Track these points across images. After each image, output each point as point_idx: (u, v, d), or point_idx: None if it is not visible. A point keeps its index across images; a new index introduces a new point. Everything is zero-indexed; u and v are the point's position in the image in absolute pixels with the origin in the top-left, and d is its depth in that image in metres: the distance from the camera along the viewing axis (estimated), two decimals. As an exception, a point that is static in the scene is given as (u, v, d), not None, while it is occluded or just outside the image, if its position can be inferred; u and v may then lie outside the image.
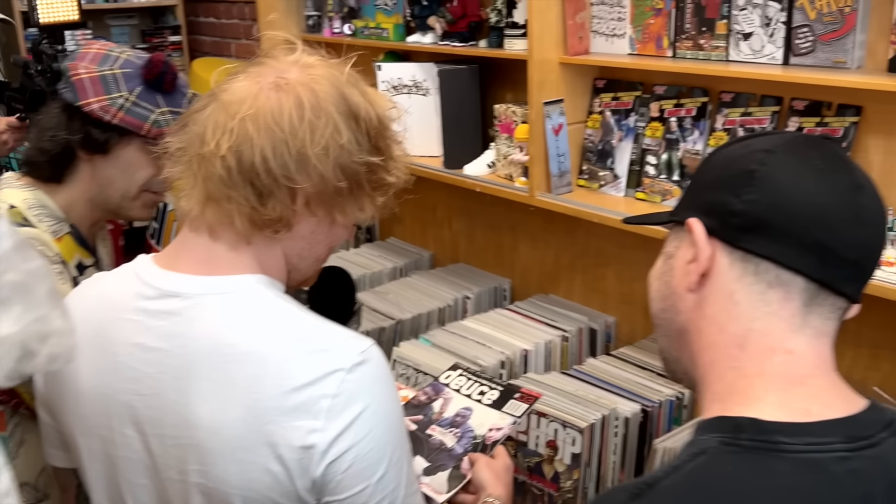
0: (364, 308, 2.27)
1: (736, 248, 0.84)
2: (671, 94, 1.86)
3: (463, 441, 1.41)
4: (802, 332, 0.83)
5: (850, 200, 0.82)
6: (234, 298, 1.04)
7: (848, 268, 0.82)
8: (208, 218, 1.04)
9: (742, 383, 0.83)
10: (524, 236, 2.37)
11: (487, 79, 2.28)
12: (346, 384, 0.98)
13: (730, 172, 0.86)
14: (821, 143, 0.88)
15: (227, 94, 1.04)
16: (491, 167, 2.19)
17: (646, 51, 1.87)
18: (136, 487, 1.08)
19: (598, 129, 2.01)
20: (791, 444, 0.77)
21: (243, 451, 0.99)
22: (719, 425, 0.81)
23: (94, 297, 1.13)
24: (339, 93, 1.04)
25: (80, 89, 1.44)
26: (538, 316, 2.15)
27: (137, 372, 1.05)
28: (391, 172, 1.11)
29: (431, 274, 2.49)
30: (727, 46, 1.71)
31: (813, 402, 0.81)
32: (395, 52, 2.50)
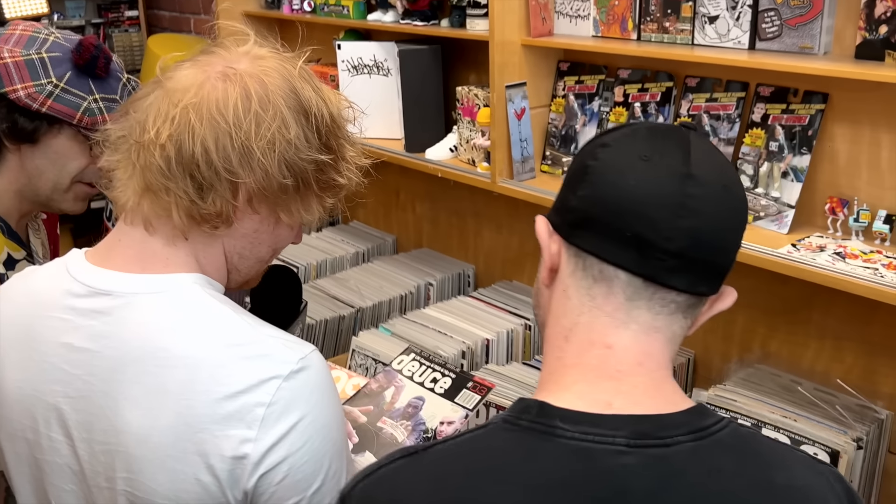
0: (323, 295, 2.22)
1: (570, 244, 0.85)
2: (636, 79, 1.81)
3: (413, 435, 1.37)
4: (627, 327, 0.82)
5: (673, 190, 0.79)
6: (168, 299, 0.98)
7: (670, 259, 0.80)
8: (145, 210, 0.99)
9: (559, 372, 0.85)
10: (488, 222, 2.32)
11: (450, 59, 2.22)
12: (282, 392, 0.94)
13: (573, 168, 0.88)
14: (664, 133, 0.85)
15: (171, 81, 0.99)
16: (453, 151, 2.14)
17: (610, 33, 1.82)
18: (64, 493, 1.03)
19: (561, 114, 1.96)
20: (567, 430, 0.78)
21: (173, 461, 0.94)
22: (514, 406, 0.83)
23: (22, 294, 1.07)
24: (290, 87, 1.00)
25: (5, 75, 1.34)
26: (501, 304, 2.11)
27: (65, 373, 1.00)
28: (342, 173, 1.06)
29: (394, 259, 2.44)
30: (693, 30, 1.66)
31: (618, 396, 0.81)
32: (355, 30, 2.42)
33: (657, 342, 0.83)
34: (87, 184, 1.47)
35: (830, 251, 1.48)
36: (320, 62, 2.57)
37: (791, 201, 1.56)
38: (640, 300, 0.81)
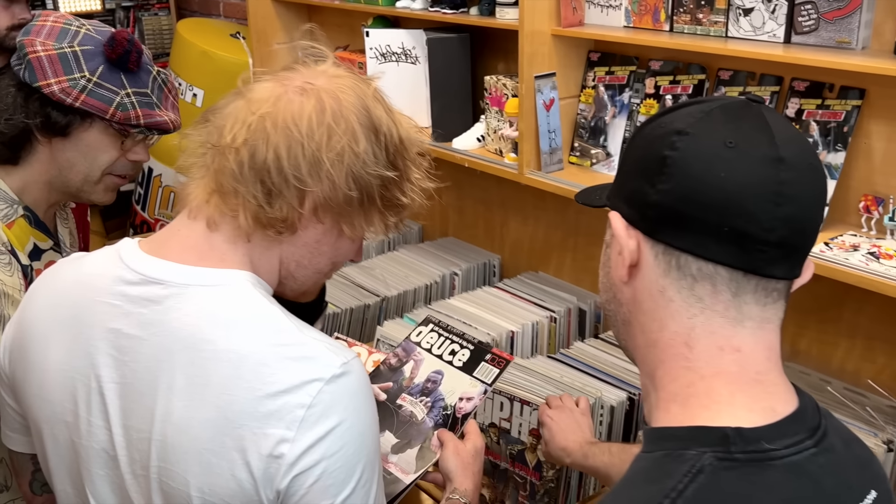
0: (349, 284, 2.22)
1: (657, 241, 0.81)
2: (667, 70, 1.78)
3: (433, 412, 1.37)
4: (743, 325, 0.79)
5: (768, 177, 0.76)
6: (219, 292, 1.00)
7: (771, 250, 0.77)
8: (211, 208, 1.02)
9: (702, 385, 0.81)
10: (514, 212, 2.31)
11: (479, 48, 2.20)
12: (322, 395, 0.95)
13: (646, 158, 0.82)
14: (740, 113, 0.80)
15: (252, 92, 1.03)
16: (480, 141, 2.12)
17: (642, 24, 1.79)
18: (98, 478, 1.05)
19: (591, 105, 1.93)
20: (775, 450, 0.76)
21: (209, 454, 0.95)
22: (704, 437, 0.77)
23: (72, 278, 1.09)
24: (363, 104, 1.03)
25: (38, 69, 1.35)
26: (526, 295, 2.10)
27: (112, 359, 1.01)
28: (406, 193, 1.08)
29: (420, 248, 2.43)
30: (727, 22, 1.63)
31: (773, 399, 0.79)
32: (384, 17, 2.41)
33: (772, 332, 0.81)
34: (116, 175, 1.48)
35: (864, 251, 1.45)
36: (348, 49, 2.56)
37: (824, 199, 1.53)
38: (745, 294, 0.78)
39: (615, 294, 0.87)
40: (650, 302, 0.83)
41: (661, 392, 0.84)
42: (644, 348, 0.86)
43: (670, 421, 0.81)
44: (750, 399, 0.79)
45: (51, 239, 1.49)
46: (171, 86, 1.50)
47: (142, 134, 1.44)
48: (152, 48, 3.79)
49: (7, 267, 1.35)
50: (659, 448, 0.79)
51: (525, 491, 1.66)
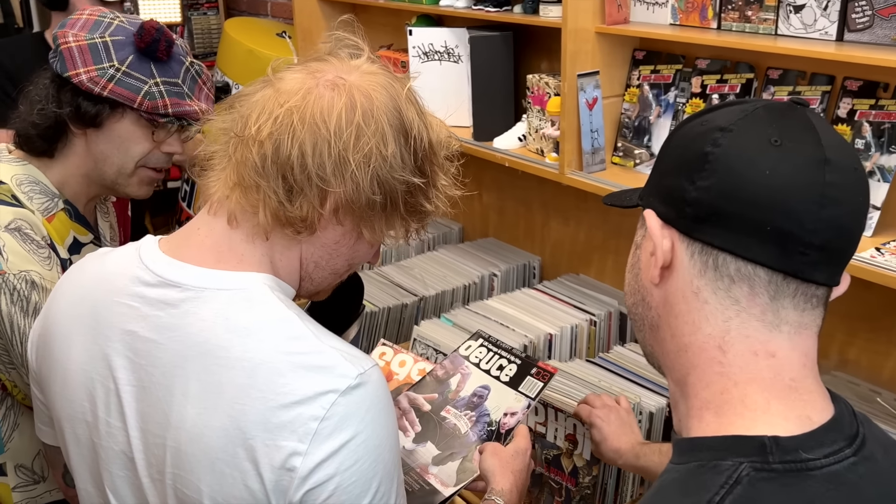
0: (387, 283, 2.21)
1: (694, 240, 0.78)
2: (715, 69, 1.74)
3: (478, 427, 1.35)
4: (780, 330, 0.77)
5: (813, 178, 0.73)
6: (236, 297, 0.98)
7: (813, 253, 0.74)
8: (232, 203, 0.99)
9: (736, 392, 0.78)
10: (556, 213, 2.27)
11: (522, 46, 2.17)
12: (337, 407, 0.91)
13: (686, 155, 0.79)
14: (785, 113, 0.78)
15: (281, 82, 0.99)
16: (522, 140, 2.09)
17: (689, 21, 1.75)
18: (118, 479, 1.04)
19: (635, 104, 1.90)
20: (813, 459, 0.73)
21: (222, 463, 0.93)
22: (741, 447, 0.75)
23: (94, 276, 1.08)
24: (395, 105, 0.99)
25: (69, 59, 1.36)
26: (566, 297, 2.07)
27: (129, 361, 1.00)
28: (431, 200, 1.05)
29: (459, 248, 2.41)
30: (776, 19, 1.58)
31: (809, 407, 0.77)
32: (427, 15, 2.40)
33: (809, 339, 0.78)
34: (152, 168, 1.48)
35: (918, 257, 1.39)
36: (392, 48, 2.55)
37: (877, 202, 1.48)
38: (784, 298, 0.76)
39: (643, 297, 0.84)
40: (683, 304, 0.80)
41: (692, 400, 0.81)
42: (674, 353, 0.82)
43: (704, 430, 0.78)
44: (785, 407, 0.76)
45: (91, 233, 1.51)
46: (207, 77, 1.50)
47: (171, 124, 1.44)
48: (200, 47, 3.83)
49: (46, 261, 1.37)
50: (693, 459, 0.77)
51: (560, 497, 1.63)
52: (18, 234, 1.35)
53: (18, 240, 1.34)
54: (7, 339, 1.34)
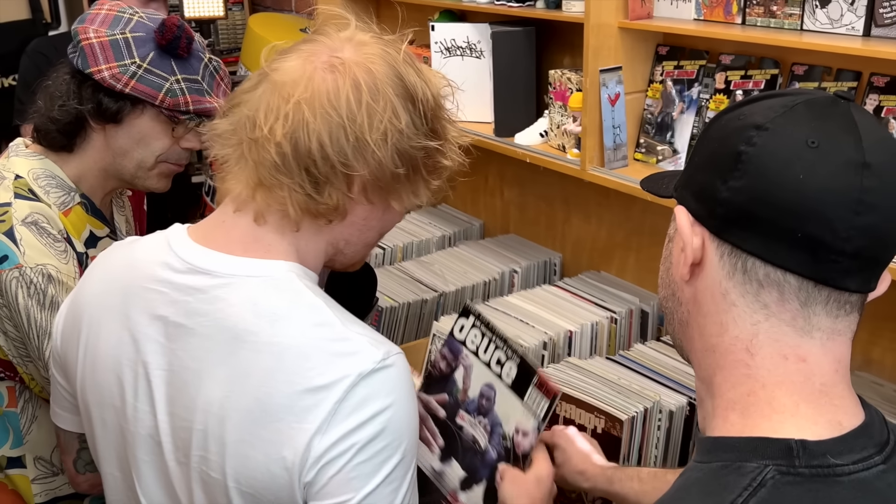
0: (407, 278, 2.21)
1: (723, 241, 0.76)
2: (739, 65, 1.72)
3: (494, 440, 1.31)
4: (811, 336, 0.75)
5: (849, 183, 0.70)
6: (265, 284, 0.99)
7: (846, 260, 0.71)
8: (258, 203, 1.00)
9: (763, 394, 0.76)
10: (577, 209, 2.26)
11: (545, 42, 2.16)
12: (358, 388, 0.93)
13: (720, 151, 0.77)
14: (826, 111, 0.75)
15: (278, 73, 0.99)
16: (543, 136, 2.08)
17: (713, 16, 1.73)
18: (143, 464, 1.06)
19: (658, 100, 1.88)
20: (841, 465, 0.72)
21: (247, 446, 0.95)
22: (767, 449, 0.73)
23: (123, 262, 1.10)
24: (396, 73, 1.00)
25: (90, 55, 1.36)
26: (587, 294, 2.06)
27: (158, 345, 1.02)
28: (447, 156, 1.07)
29: (480, 244, 2.41)
30: (802, 14, 1.56)
31: (838, 412, 0.75)
32: (450, 11, 2.39)
33: (842, 345, 0.76)
34: (171, 163, 1.49)
35: (945, 256, 1.36)
36: (414, 43, 2.55)
37: (903, 200, 1.45)
38: (815, 305, 0.74)
39: (674, 292, 0.83)
40: (711, 304, 0.78)
41: (718, 399, 0.79)
42: (701, 352, 0.81)
43: (728, 430, 0.77)
44: (814, 411, 0.74)
45: (107, 226, 1.52)
46: (224, 73, 1.50)
47: (192, 121, 1.45)
48: (226, 43, 3.86)
49: (63, 255, 1.38)
50: (716, 458, 0.75)
51: (570, 500, 1.62)
52: (35, 227, 1.36)
53: (35, 234, 1.35)
54: (24, 332, 1.35)
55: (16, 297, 1.32)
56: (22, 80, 2.53)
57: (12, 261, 1.33)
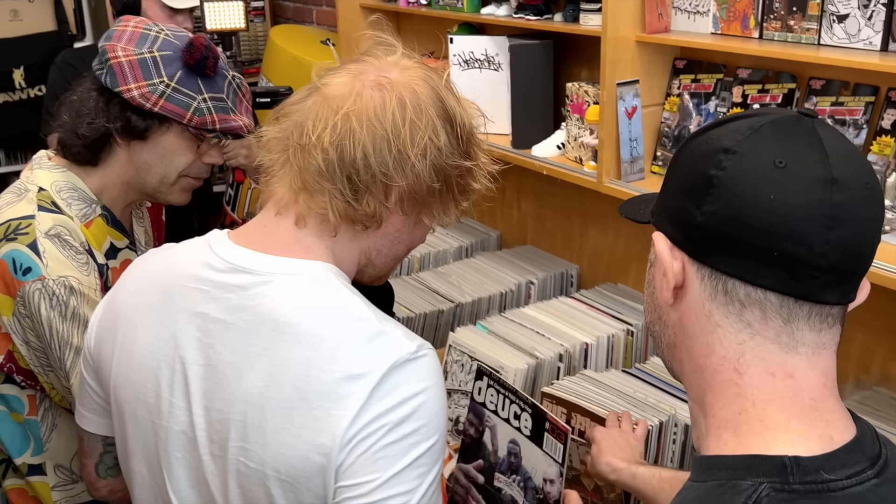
0: (424, 289, 2.23)
1: (703, 265, 0.77)
2: (756, 79, 1.72)
3: (528, 494, 1.33)
4: (797, 352, 0.76)
5: (820, 200, 0.71)
6: (304, 281, 1.04)
7: (824, 275, 0.72)
8: (300, 207, 1.06)
9: (754, 412, 0.77)
10: (594, 221, 2.26)
11: (563, 55, 2.17)
12: (391, 376, 0.97)
13: (692, 176, 0.78)
14: (791, 129, 0.76)
15: (328, 87, 1.06)
16: (560, 149, 2.09)
17: (730, 30, 1.73)
18: (174, 460, 1.08)
19: (675, 113, 1.88)
20: (835, 480, 0.72)
21: (286, 434, 0.98)
22: (760, 466, 0.74)
23: (162, 264, 1.14)
24: (438, 96, 1.06)
25: (119, 74, 1.38)
26: (603, 307, 2.06)
27: (197, 341, 1.05)
28: (477, 179, 1.13)
29: (497, 256, 2.41)
30: (819, 29, 1.56)
31: (830, 427, 0.76)
32: (469, 24, 2.41)
33: (828, 359, 0.77)
34: (192, 177, 1.51)
35: (963, 272, 1.36)
36: (433, 55, 2.57)
37: (921, 215, 1.45)
38: (798, 320, 0.75)
39: (660, 315, 0.84)
40: (696, 326, 0.79)
41: (710, 419, 0.80)
42: (691, 373, 0.82)
43: (722, 449, 0.78)
44: (805, 426, 0.75)
45: (126, 238, 1.54)
46: (245, 90, 1.52)
47: (216, 138, 1.47)
48: (247, 54, 3.90)
49: (84, 266, 1.40)
50: (712, 477, 0.76)
51: None
52: (58, 240, 1.38)
53: (58, 246, 1.37)
54: (46, 343, 1.37)
55: (38, 308, 1.35)
56: (50, 92, 2.57)
57: (35, 272, 1.35)
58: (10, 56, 3.18)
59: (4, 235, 1.37)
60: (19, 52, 3.19)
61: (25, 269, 1.35)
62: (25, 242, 1.36)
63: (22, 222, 1.38)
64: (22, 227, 1.38)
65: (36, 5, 3.27)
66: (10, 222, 1.39)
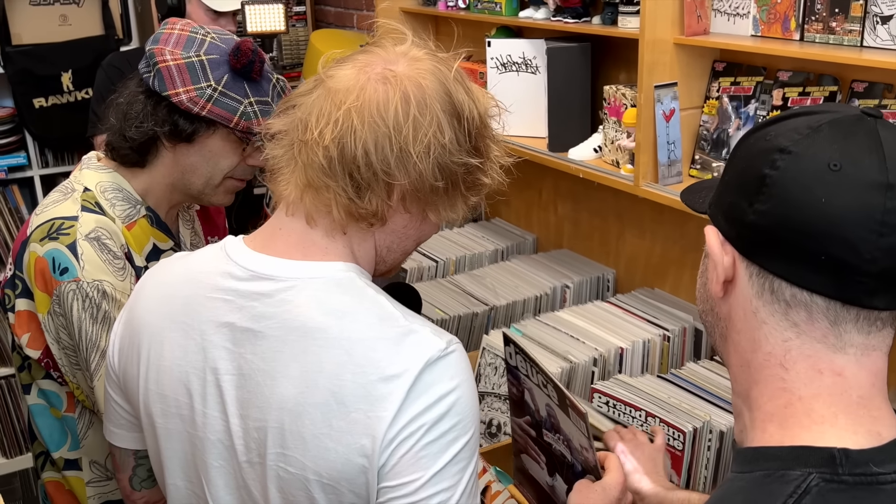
0: (459, 291, 2.23)
1: (752, 262, 0.77)
2: (797, 81, 1.69)
3: (573, 454, 1.33)
4: (845, 352, 0.75)
5: (872, 205, 0.70)
6: (329, 284, 1.03)
7: (871, 281, 0.71)
8: (307, 204, 1.05)
9: (800, 406, 0.77)
10: (631, 225, 2.25)
11: (601, 57, 2.16)
12: (425, 374, 0.98)
13: (747, 173, 0.78)
14: (852, 130, 0.74)
15: (333, 80, 1.03)
16: (597, 152, 2.08)
17: (771, 32, 1.71)
18: (212, 469, 1.08)
19: (714, 116, 1.86)
20: (884, 473, 0.72)
21: (326, 438, 0.98)
22: (809, 457, 0.74)
23: (180, 275, 1.13)
24: (445, 90, 1.03)
25: (167, 78, 1.39)
26: (640, 311, 2.04)
27: (228, 352, 1.05)
28: (487, 174, 1.10)
29: (533, 259, 2.41)
30: (862, 30, 1.53)
31: (878, 423, 0.76)
32: (508, 27, 2.41)
33: (878, 360, 0.77)
34: (236, 179, 1.53)
35: None
36: (471, 59, 2.57)
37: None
38: (845, 323, 0.75)
39: (712, 307, 0.84)
40: (743, 321, 0.79)
41: (756, 412, 0.80)
42: (737, 367, 0.82)
43: (767, 441, 0.78)
44: (853, 421, 0.75)
45: (171, 239, 1.56)
46: (289, 92, 1.54)
47: (261, 141, 1.48)
48: (289, 58, 3.94)
49: (120, 272, 1.42)
50: (759, 468, 0.76)
51: None
52: (97, 243, 1.41)
53: (96, 249, 1.40)
54: (76, 342, 1.40)
55: (71, 308, 1.38)
56: (97, 94, 2.63)
57: (72, 274, 1.38)
58: (59, 60, 3.25)
59: (48, 234, 1.40)
60: (68, 55, 3.26)
61: (63, 270, 1.38)
62: (66, 243, 1.39)
63: (65, 222, 1.41)
64: (65, 227, 1.41)
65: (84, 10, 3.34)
66: (53, 221, 1.42)
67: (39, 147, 3.38)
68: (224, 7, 2.66)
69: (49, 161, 3.43)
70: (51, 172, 3.42)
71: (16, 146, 3.32)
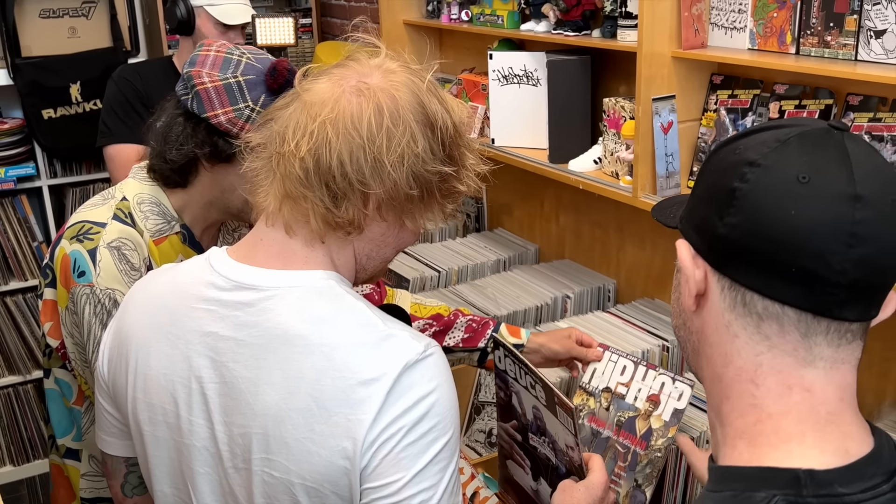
0: (460, 301, 2.24)
1: (723, 275, 0.78)
2: (793, 95, 1.71)
3: (558, 455, 1.35)
4: (814, 366, 0.76)
5: (841, 216, 0.71)
6: (308, 293, 1.06)
7: (842, 292, 0.72)
8: (285, 215, 1.07)
9: (769, 423, 0.78)
10: (632, 236, 2.26)
11: (601, 70, 2.18)
12: (404, 377, 1.00)
13: (717, 186, 0.79)
14: (820, 142, 0.75)
15: (309, 94, 1.05)
16: (597, 163, 2.10)
17: (767, 46, 1.73)
18: (198, 475, 1.11)
19: (712, 129, 1.88)
20: (849, 494, 0.73)
21: (308, 442, 1.01)
22: (775, 478, 0.75)
23: (167, 286, 1.16)
24: (419, 101, 1.05)
25: (206, 100, 1.40)
26: (639, 322, 2.06)
27: (210, 360, 1.07)
28: (462, 181, 1.12)
29: (534, 269, 2.43)
30: (856, 44, 1.55)
31: (847, 440, 0.76)
32: (510, 40, 2.44)
33: (847, 373, 0.77)
34: None
35: None
36: (474, 71, 2.60)
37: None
38: (816, 336, 0.75)
39: (685, 321, 0.85)
40: (716, 335, 0.80)
41: (727, 428, 0.81)
42: (710, 381, 0.83)
43: (737, 459, 0.79)
44: (821, 439, 0.76)
45: None
46: None
47: None
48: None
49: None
50: (727, 488, 0.77)
51: (624, 461, 1.59)
52: (117, 252, 1.44)
53: (115, 258, 1.43)
54: (84, 341, 1.45)
55: (83, 310, 1.42)
56: (107, 105, 2.66)
57: (87, 278, 1.42)
58: (67, 71, 3.29)
59: (76, 234, 1.45)
60: (76, 67, 3.31)
61: (81, 272, 1.42)
62: (88, 247, 1.43)
63: (94, 227, 1.45)
64: (92, 231, 1.45)
65: (93, 22, 3.38)
66: (84, 223, 1.46)
67: (48, 157, 3.42)
68: (234, 20, 2.70)
69: (57, 171, 3.47)
70: (59, 183, 3.46)
71: (25, 157, 3.37)
